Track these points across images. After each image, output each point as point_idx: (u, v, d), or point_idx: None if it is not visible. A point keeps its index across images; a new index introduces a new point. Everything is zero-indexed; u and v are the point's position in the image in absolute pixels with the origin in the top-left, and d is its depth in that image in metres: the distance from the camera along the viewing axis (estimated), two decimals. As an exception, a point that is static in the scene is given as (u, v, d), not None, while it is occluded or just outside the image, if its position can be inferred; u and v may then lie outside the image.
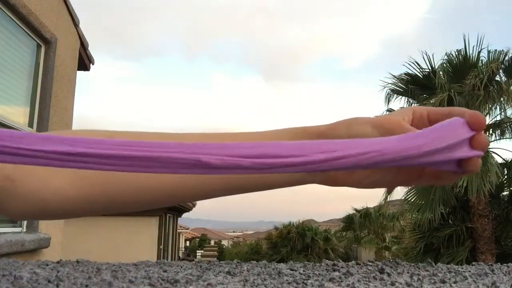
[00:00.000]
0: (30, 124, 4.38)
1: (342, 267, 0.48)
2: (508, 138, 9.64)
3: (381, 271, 0.44)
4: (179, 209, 13.81)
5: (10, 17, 3.93)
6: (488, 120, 9.74)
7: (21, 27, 4.13)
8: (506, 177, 9.38)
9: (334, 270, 0.46)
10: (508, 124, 9.50)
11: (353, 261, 0.51)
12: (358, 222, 21.36)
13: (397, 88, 10.32)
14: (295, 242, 20.49)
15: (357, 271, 0.45)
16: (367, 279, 0.41)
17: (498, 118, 9.56)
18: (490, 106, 9.43)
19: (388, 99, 10.39)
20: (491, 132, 9.71)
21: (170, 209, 12.78)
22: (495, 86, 9.06)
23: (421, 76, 9.94)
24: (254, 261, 0.52)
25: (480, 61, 9.53)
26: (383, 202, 10.83)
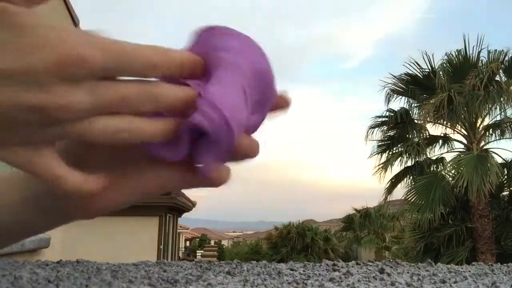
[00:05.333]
0: (30, 124, 4.38)
1: (342, 267, 0.48)
2: (508, 138, 9.65)
3: (381, 271, 0.44)
4: (179, 209, 13.81)
5: (10, 17, 3.93)
6: (488, 120, 9.76)
7: (21, 27, 4.14)
8: (506, 177, 9.39)
9: (334, 270, 0.46)
10: (508, 124, 9.50)
11: (353, 261, 0.51)
12: (358, 222, 21.36)
13: (397, 88, 10.32)
14: (295, 242, 20.50)
15: (357, 271, 0.45)
16: (367, 279, 0.41)
17: (498, 118, 9.58)
18: (490, 106, 9.43)
19: (388, 99, 10.40)
20: (491, 132, 9.72)
21: (170, 209, 12.79)
22: (495, 86, 9.06)
23: (421, 76, 9.94)
24: (254, 261, 0.52)
25: (480, 61, 9.53)
26: (383, 202, 10.84)
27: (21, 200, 0.36)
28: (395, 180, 10.30)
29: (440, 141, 10.17)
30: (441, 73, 9.76)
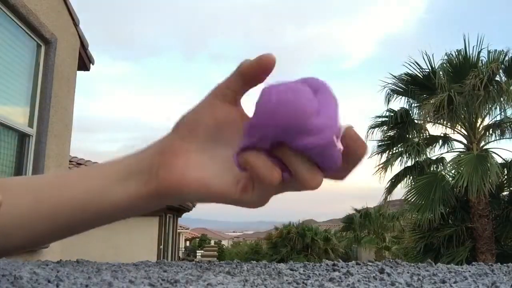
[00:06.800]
0: (30, 124, 4.38)
1: (342, 267, 0.48)
2: (508, 138, 9.65)
3: (381, 271, 0.44)
4: (179, 209, 13.81)
5: (10, 17, 3.93)
6: (488, 120, 9.76)
7: (21, 27, 4.13)
8: (506, 177, 9.38)
9: (334, 270, 0.46)
10: (508, 124, 9.49)
11: (353, 261, 0.51)
12: (358, 222, 21.35)
13: (397, 88, 10.31)
14: (295, 242, 20.49)
15: (357, 271, 0.45)
16: (367, 279, 0.41)
17: (498, 118, 9.57)
18: (490, 106, 9.42)
19: (388, 99, 10.39)
20: (491, 132, 9.72)
21: (170, 209, 12.79)
22: (495, 86, 9.05)
23: (421, 76, 9.94)
24: (254, 261, 0.52)
25: (480, 61, 9.52)
26: (383, 202, 10.83)
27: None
28: (395, 180, 10.30)
29: (440, 141, 10.16)
30: (441, 73, 9.75)
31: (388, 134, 10.34)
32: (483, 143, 9.67)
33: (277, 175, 0.38)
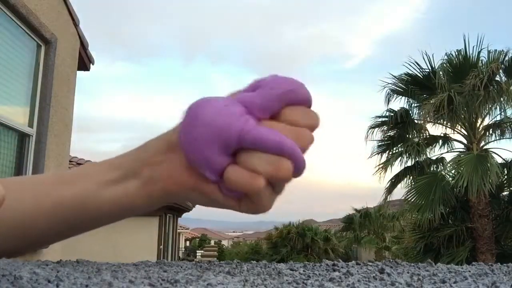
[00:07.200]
0: (30, 124, 4.38)
1: (342, 267, 0.48)
2: (508, 138, 9.65)
3: (381, 271, 0.44)
4: (179, 209, 13.81)
5: (10, 17, 3.93)
6: (488, 120, 9.76)
7: (21, 27, 4.13)
8: (506, 177, 9.38)
9: (334, 270, 0.46)
10: (508, 124, 9.49)
11: (353, 261, 0.51)
12: (358, 222, 21.36)
13: (397, 88, 10.31)
14: (295, 242, 20.50)
15: (357, 271, 0.45)
16: (367, 279, 0.41)
17: (498, 118, 9.57)
18: (490, 106, 9.42)
19: (388, 99, 10.39)
20: (491, 132, 9.72)
21: (170, 209, 12.79)
22: (495, 86, 9.05)
23: (421, 76, 9.93)
24: (254, 261, 0.52)
25: (480, 61, 9.52)
26: (383, 202, 10.83)
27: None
28: (395, 180, 10.30)
29: (440, 141, 10.16)
30: (441, 73, 9.75)
31: (388, 134, 10.34)
32: (483, 143, 9.67)
33: (259, 180, 0.38)
